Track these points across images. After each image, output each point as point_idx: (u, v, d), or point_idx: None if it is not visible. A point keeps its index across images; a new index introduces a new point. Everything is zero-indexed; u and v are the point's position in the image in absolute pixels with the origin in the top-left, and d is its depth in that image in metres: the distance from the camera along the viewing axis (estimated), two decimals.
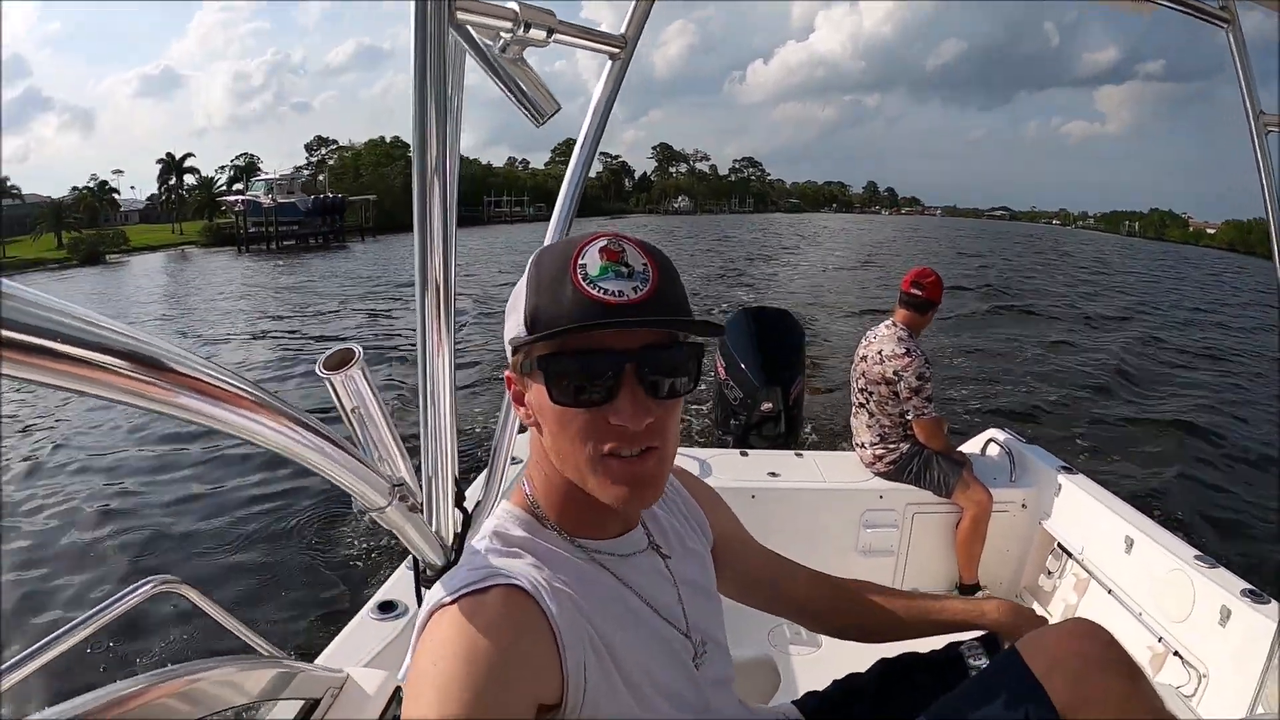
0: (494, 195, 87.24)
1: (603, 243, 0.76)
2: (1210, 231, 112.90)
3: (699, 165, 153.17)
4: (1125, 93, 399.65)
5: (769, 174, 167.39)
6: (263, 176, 59.78)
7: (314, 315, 17.87)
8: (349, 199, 59.21)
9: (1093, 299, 20.55)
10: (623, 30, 1.07)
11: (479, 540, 0.85)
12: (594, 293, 0.72)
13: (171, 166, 66.50)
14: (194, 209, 62.86)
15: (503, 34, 0.86)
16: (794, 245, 42.95)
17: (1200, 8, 1.15)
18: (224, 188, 68.08)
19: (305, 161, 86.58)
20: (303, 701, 1.28)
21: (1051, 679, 0.85)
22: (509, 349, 0.80)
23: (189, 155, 69.13)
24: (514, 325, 0.78)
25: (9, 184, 56.45)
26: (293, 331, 15.51)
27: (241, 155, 75.02)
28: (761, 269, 26.75)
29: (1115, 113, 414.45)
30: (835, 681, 1.19)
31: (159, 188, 67.82)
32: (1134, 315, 17.85)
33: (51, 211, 50.26)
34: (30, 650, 0.95)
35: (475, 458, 4.92)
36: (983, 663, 1.09)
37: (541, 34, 0.85)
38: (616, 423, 0.74)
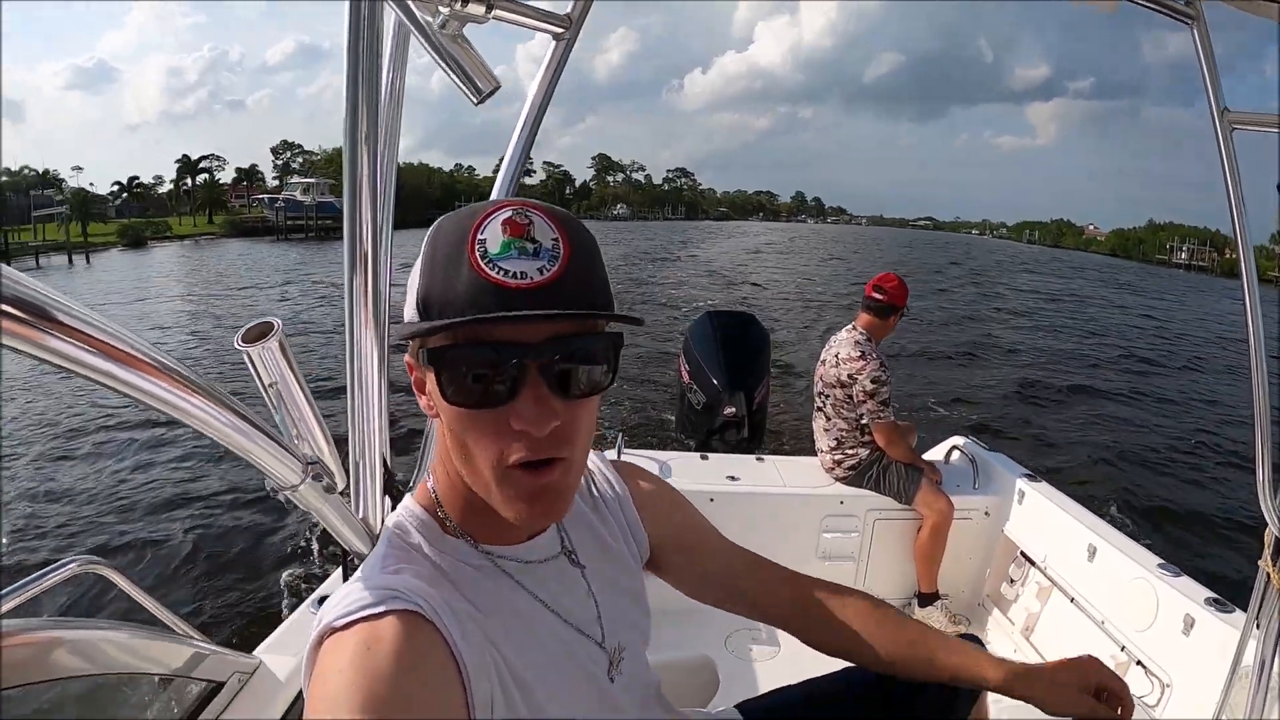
0: (461, 201, 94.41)
1: (507, 213, 0.65)
2: (1100, 239, 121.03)
3: (635, 175, 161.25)
4: (1054, 108, 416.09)
5: (700, 183, 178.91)
6: (297, 180, 74.55)
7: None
8: None
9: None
10: (568, 10, 1.03)
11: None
12: (492, 274, 0.62)
13: (188, 167, 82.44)
14: (199, 205, 76.17)
15: (441, 9, 0.81)
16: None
17: (1166, 4, 1.13)
18: (227, 188, 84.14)
19: (272, 164, 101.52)
20: (205, 683, 1.22)
21: None
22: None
23: (204, 158, 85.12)
24: (408, 309, 0.69)
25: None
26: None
27: (204, 156, 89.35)
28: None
29: (1044, 127, 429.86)
30: (773, 690, 1.17)
31: (175, 186, 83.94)
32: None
33: (79, 205, 60.05)
34: None
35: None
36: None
37: (480, 9, 0.81)
38: (518, 426, 0.65)
